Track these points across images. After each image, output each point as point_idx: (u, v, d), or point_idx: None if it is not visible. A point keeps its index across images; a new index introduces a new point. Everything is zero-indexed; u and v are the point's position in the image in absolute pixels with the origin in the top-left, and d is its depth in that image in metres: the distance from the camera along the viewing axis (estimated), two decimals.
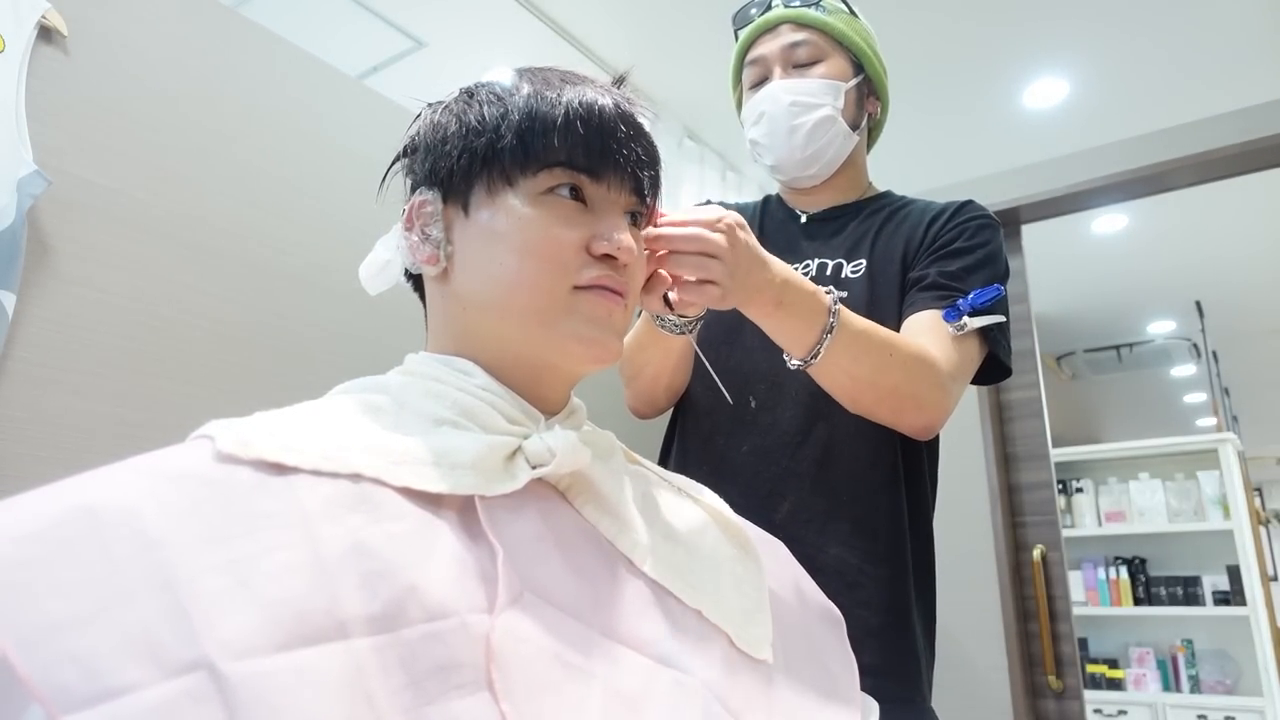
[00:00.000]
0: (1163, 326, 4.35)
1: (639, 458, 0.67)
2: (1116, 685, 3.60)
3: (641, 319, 0.95)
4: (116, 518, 0.37)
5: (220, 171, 1.05)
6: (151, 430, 0.91)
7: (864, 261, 1.03)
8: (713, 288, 0.69)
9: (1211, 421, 4.72)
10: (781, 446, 0.98)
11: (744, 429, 1.01)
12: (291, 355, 1.09)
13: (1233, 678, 3.45)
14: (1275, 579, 3.97)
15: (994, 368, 0.98)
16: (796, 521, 0.94)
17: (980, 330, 0.93)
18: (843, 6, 1.08)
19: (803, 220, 1.12)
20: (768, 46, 1.06)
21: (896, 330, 0.97)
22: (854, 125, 1.06)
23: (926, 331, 0.93)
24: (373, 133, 1.23)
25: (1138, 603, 3.64)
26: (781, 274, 0.76)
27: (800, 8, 1.05)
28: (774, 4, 1.07)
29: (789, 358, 0.83)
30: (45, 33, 0.89)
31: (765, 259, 0.74)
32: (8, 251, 0.81)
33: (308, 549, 0.40)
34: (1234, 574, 3.42)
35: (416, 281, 0.62)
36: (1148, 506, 3.67)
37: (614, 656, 0.47)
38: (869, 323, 0.85)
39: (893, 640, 0.92)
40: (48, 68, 0.89)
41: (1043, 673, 2.11)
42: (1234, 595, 3.43)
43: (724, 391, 0.89)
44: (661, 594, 0.53)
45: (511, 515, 0.49)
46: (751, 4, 1.10)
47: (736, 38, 1.12)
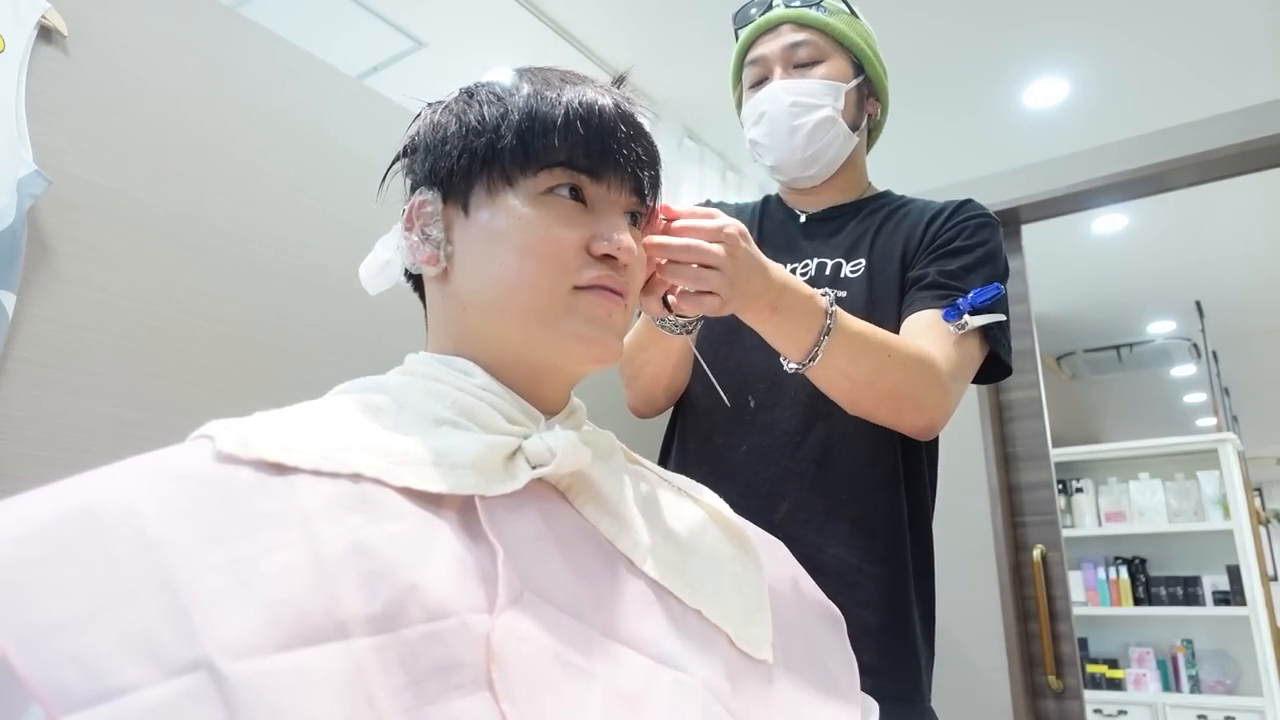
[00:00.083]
0: (1163, 326, 4.35)
1: (639, 458, 0.67)
2: (1116, 685, 3.60)
3: (641, 319, 0.95)
4: (116, 517, 0.37)
5: (220, 171, 1.05)
6: (151, 430, 0.92)
7: (863, 261, 1.03)
8: (712, 298, 0.69)
9: (1211, 421, 4.72)
10: (780, 446, 0.98)
11: (743, 429, 1.01)
12: (291, 355, 1.09)
13: (1233, 678, 3.45)
14: (1275, 579, 3.97)
15: (995, 366, 0.98)
16: (795, 521, 0.94)
17: (981, 329, 0.93)
18: (843, 7, 1.08)
19: (802, 220, 1.12)
20: (768, 46, 1.06)
21: (896, 329, 0.97)
22: (854, 126, 1.06)
23: (926, 331, 0.92)
24: (373, 133, 1.23)
25: (1138, 603, 3.64)
26: (780, 279, 0.76)
27: (801, 8, 1.05)
28: (774, 4, 1.07)
29: (786, 361, 0.83)
30: (45, 33, 0.89)
31: (765, 266, 0.74)
32: (8, 251, 0.81)
33: (308, 549, 0.40)
34: (1234, 574, 3.42)
35: (416, 281, 0.62)
36: (1148, 506, 3.67)
37: (614, 656, 0.47)
38: (866, 324, 0.84)
39: (891, 640, 0.92)
40: (48, 68, 0.89)
41: (1043, 673, 2.11)
42: (1234, 595, 3.43)
43: (721, 394, 0.89)
44: (662, 594, 0.53)
45: (511, 515, 0.49)
46: (752, 4, 1.10)
47: (737, 38, 1.11)
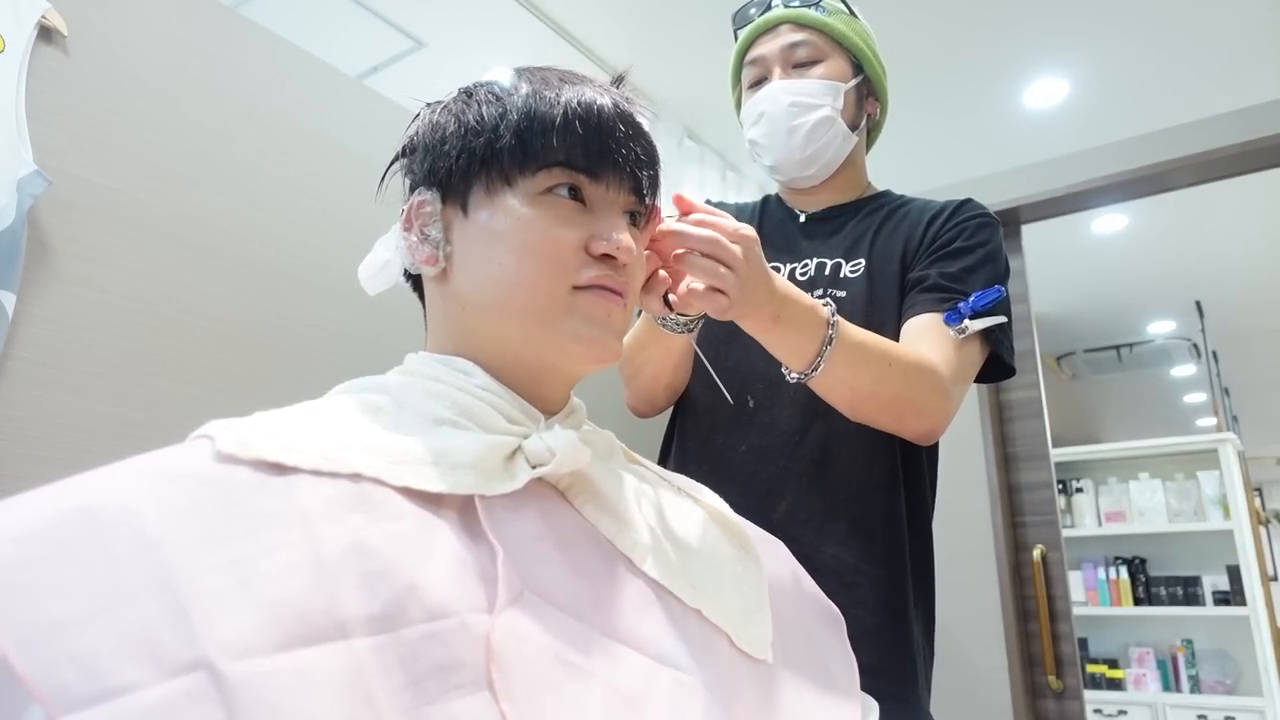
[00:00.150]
0: (1163, 326, 4.35)
1: (639, 457, 0.67)
2: (1116, 685, 3.60)
3: (642, 318, 0.95)
4: (116, 517, 0.37)
5: (220, 171, 1.05)
6: (151, 430, 0.92)
7: (863, 261, 1.03)
8: (721, 297, 0.69)
9: (1211, 421, 4.72)
10: (779, 446, 0.98)
11: (742, 428, 1.00)
12: (291, 355, 1.09)
13: (1233, 678, 3.45)
14: (1275, 579, 3.97)
15: (998, 366, 0.98)
16: (794, 521, 0.94)
17: (982, 331, 0.93)
18: (842, 7, 1.08)
19: (801, 220, 1.11)
20: (767, 46, 1.06)
21: (896, 329, 0.97)
22: (853, 126, 1.06)
23: (927, 335, 0.92)
24: (373, 133, 1.23)
25: (1138, 603, 3.64)
26: (782, 290, 0.76)
27: (800, 8, 1.05)
28: (774, 4, 1.07)
29: (788, 371, 0.82)
30: (45, 33, 0.89)
31: (771, 276, 0.74)
32: (8, 251, 0.81)
33: (308, 549, 0.40)
34: (1234, 574, 3.42)
35: (416, 281, 0.62)
36: (1148, 506, 3.67)
37: (614, 656, 0.47)
38: (867, 333, 0.84)
39: (889, 640, 0.92)
40: (48, 68, 0.89)
41: (1043, 673, 2.11)
42: (1234, 595, 3.43)
43: (724, 391, 0.89)
44: (661, 593, 0.53)
45: (511, 515, 0.49)
46: (751, 4, 1.10)
47: (736, 38, 1.11)
